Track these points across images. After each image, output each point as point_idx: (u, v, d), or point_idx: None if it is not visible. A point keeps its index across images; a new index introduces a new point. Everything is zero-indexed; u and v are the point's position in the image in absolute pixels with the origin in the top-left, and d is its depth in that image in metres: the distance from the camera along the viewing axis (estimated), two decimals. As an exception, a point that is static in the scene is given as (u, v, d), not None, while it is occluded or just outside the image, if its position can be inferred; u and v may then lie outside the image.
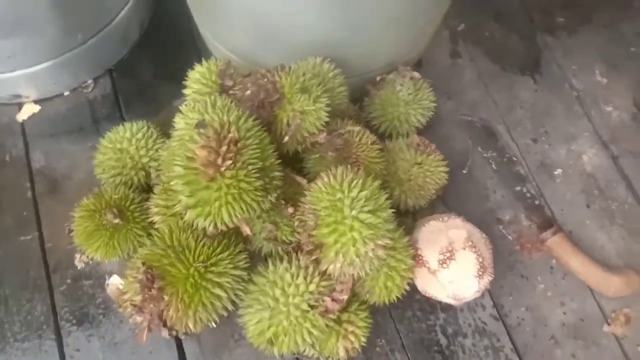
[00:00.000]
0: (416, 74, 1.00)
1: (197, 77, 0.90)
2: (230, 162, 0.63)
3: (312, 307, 0.73)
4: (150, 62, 1.15)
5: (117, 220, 0.85)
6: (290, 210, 0.73)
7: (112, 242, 0.86)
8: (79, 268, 0.95)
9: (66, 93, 1.10)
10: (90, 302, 0.94)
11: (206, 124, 0.67)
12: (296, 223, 0.75)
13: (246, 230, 0.70)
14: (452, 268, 0.85)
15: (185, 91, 0.92)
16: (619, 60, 1.20)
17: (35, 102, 1.09)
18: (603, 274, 0.97)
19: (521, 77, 1.18)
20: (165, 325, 0.69)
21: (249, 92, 0.76)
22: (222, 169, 0.63)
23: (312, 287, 0.73)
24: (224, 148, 0.64)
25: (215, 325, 0.90)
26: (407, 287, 0.86)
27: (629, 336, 0.96)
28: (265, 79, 0.75)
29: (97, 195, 0.88)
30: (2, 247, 0.97)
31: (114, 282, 0.88)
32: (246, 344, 0.91)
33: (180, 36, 1.18)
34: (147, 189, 0.94)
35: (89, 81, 1.11)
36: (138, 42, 1.15)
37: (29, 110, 1.08)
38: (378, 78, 1.01)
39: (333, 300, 0.74)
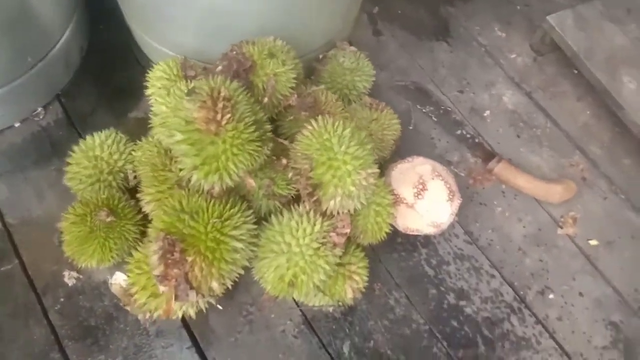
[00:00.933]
0: (353, 47, 1.12)
1: (159, 75, 0.95)
2: (229, 115, 0.69)
3: (321, 244, 0.79)
4: (95, 82, 1.17)
5: (110, 218, 0.86)
6: (284, 161, 0.80)
7: (108, 243, 0.87)
8: (70, 285, 0.95)
9: (17, 124, 1.09)
10: (89, 315, 0.93)
11: (196, 90, 0.72)
12: (290, 174, 0.82)
13: (251, 182, 0.75)
14: (427, 197, 0.95)
15: (149, 90, 0.96)
16: (510, 18, 1.41)
17: (-15, 137, 1.07)
18: (547, 186, 1.12)
19: (437, 43, 1.34)
20: (191, 287, 0.72)
21: (220, 67, 0.83)
22: (223, 122, 0.69)
23: (317, 227, 0.79)
24: (220, 105, 0.70)
25: (221, 308, 0.94)
26: (392, 223, 0.94)
27: (579, 234, 1.11)
28: (234, 52, 0.82)
29: (82, 202, 0.89)
30: (-18, 281, 0.93)
31: (118, 279, 0.88)
32: (256, 320, 0.95)
33: (121, 54, 1.21)
34: (124, 192, 0.96)
35: (39, 109, 1.11)
36: (80, 66, 1.17)
37: (-20, 146, 1.05)
38: (321, 56, 1.11)
39: (338, 234, 0.80)
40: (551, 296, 1.04)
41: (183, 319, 0.94)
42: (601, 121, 1.26)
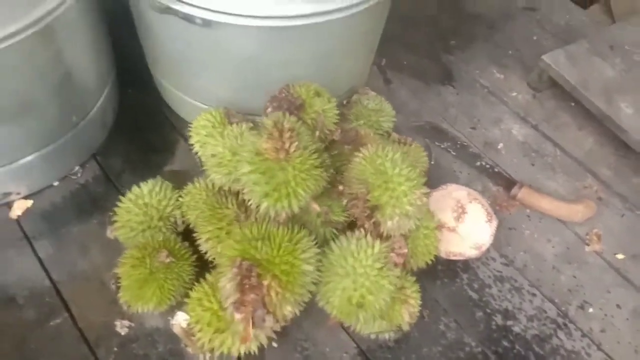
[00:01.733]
0: (373, 92, 1.20)
1: (204, 124, 1.00)
2: (296, 143, 0.74)
3: (383, 265, 0.82)
4: (129, 140, 1.21)
5: (169, 259, 0.87)
6: (340, 188, 0.84)
7: (166, 284, 0.88)
8: (122, 334, 0.94)
9: (55, 183, 1.11)
10: (145, 363, 0.91)
11: (260, 125, 0.77)
12: (345, 201, 0.86)
13: (315, 207, 0.79)
14: (467, 220, 1.00)
15: (193, 139, 1.01)
16: (505, 61, 1.53)
17: (25, 197, 1.08)
18: (569, 206, 1.18)
19: (443, 87, 1.44)
20: (268, 312, 0.73)
21: (270, 108, 0.89)
22: (292, 150, 0.74)
23: (376, 248, 0.82)
24: (287, 134, 0.75)
25: (276, 345, 0.94)
26: (437, 248, 0.98)
27: (605, 249, 1.16)
28: (283, 94, 0.89)
29: (138, 246, 0.90)
30: (33, 336, 0.92)
31: (180, 319, 0.87)
32: (312, 355, 0.95)
33: (151, 114, 1.27)
34: (177, 235, 0.97)
35: (76, 168, 1.14)
36: (113, 126, 1.22)
37: (21, 206, 1.07)
38: (345, 101, 1.19)
39: (397, 254, 0.83)
40: (591, 310, 1.07)
41: (239, 358, 0.93)
42: (604, 147, 1.35)
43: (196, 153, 1.03)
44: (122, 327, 0.94)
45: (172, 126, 1.25)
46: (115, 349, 0.92)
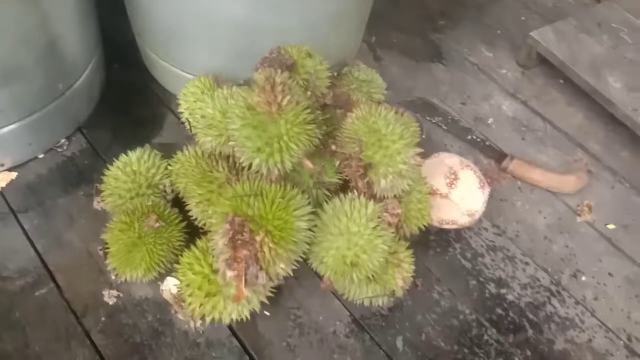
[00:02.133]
0: (364, 65, 1.19)
1: (193, 90, 0.99)
2: (288, 97, 0.73)
3: (377, 224, 0.80)
4: (116, 114, 1.19)
5: (158, 224, 0.85)
6: (333, 147, 0.83)
7: (156, 249, 0.86)
8: (110, 304, 0.92)
9: (41, 156, 1.09)
10: (134, 332, 0.89)
11: (252, 81, 0.76)
12: (338, 162, 0.85)
13: (308, 164, 0.78)
14: (459, 186, 0.99)
15: (182, 106, 1.00)
16: (493, 40, 1.53)
17: (10, 170, 1.06)
18: (560, 177, 1.18)
19: (433, 65, 1.44)
20: (261, 268, 0.72)
21: (260, 69, 0.87)
22: (284, 103, 0.72)
23: (370, 208, 0.81)
24: (279, 88, 0.73)
25: (268, 313, 0.92)
26: (430, 215, 0.97)
27: (597, 219, 1.16)
28: (274, 54, 0.87)
29: (127, 212, 0.88)
30: (19, 306, 0.89)
31: (170, 285, 0.85)
32: (305, 323, 0.93)
33: (138, 88, 1.24)
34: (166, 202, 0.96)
35: (62, 140, 1.11)
36: (100, 100, 1.20)
37: (5, 178, 1.04)
38: (335, 74, 1.18)
39: (391, 214, 0.82)
40: (584, 278, 1.07)
41: (230, 327, 0.91)
42: (593, 121, 1.36)
43: (185, 122, 1.01)
44: (110, 297, 0.92)
45: (159, 100, 1.23)
46: (103, 318, 0.90)
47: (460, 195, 0.99)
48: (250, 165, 0.75)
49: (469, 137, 1.26)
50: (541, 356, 0.95)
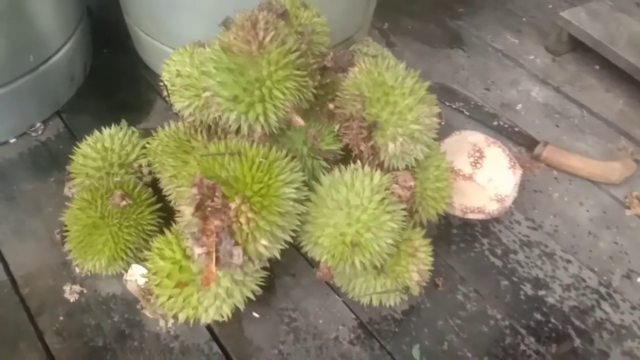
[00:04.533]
0: (371, 40, 1.06)
1: (177, 59, 0.86)
2: (273, 33, 0.60)
3: (385, 197, 0.66)
4: (101, 98, 1.08)
5: (125, 202, 0.72)
6: (332, 106, 0.69)
7: (121, 233, 0.72)
8: (71, 301, 0.78)
9: (12, 140, 0.98)
10: (96, 334, 0.74)
11: (230, 20, 0.63)
12: (337, 126, 0.70)
13: (298, 120, 0.64)
14: (486, 165, 0.84)
15: (165, 77, 0.87)
16: (519, 27, 1.40)
17: (-25, 154, 0.95)
18: (604, 164, 1.02)
19: (452, 50, 1.31)
20: (237, 243, 0.57)
21: (248, 21, 0.75)
22: (267, 39, 0.59)
23: (376, 179, 0.66)
24: (261, 24, 0.60)
25: (257, 315, 0.78)
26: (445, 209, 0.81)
27: (649, 213, 0.99)
28: (264, 5, 0.75)
29: (90, 189, 0.75)
30: (-37, 301, 0.76)
31: (136, 274, 0.71)
32: (301, 327, 0.78)
33: (126, 72, 1.14)
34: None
35: (38, 124, 1.00)
36: (84, 84, 1.09)
37: (-32, 162, 0.93)
38: (342, 51, 1.05)
39: (402, 187, 0.67)
40: (639, 279, 0.89)
41: (211, 330, 0.76)
42: (636, 108, 1.20)
43: (166, 92, 0.89)
44: (71, 293, 0.78)
45: (148, 85, 1.12)
46: (61, 318, 0.76)
47: (487, 177, 0.83)
48: (229, 125, 0.62)
49: (495, 122, 1.11)
50: (593, 371, 0.77)
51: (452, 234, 0.92)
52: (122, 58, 1.16)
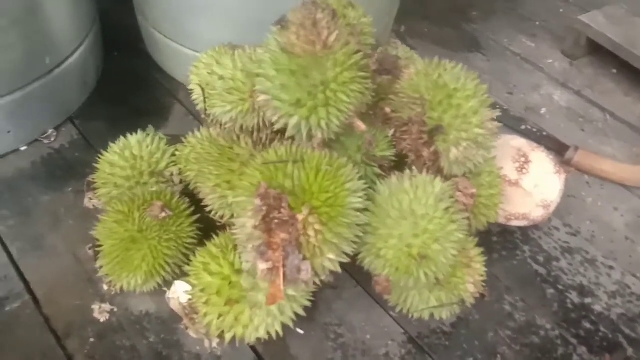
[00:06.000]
0: (399, 42, 1.03)
1: (207, 62, 0.82)
2: (337, 32, 0.56)
3: (449, 206, 0.62)
4: (115, 104, 1.02)
5: (164, 214, 0.67)
6: (388, 110, 0.65)
7: (161, 247, 0.67)
8: (102, 321, 0.72)
9: (23, 148, 0.91)
10: (132, 356, 0.69)
11: (287, 18, 0.59)
12: (392, 131, 0.67)
13: (360, 125, 0.60)
14: (532, 170, 0.81)
15: (194, 81, 0.82)
16: (534, 31, 1.39)
17: (-15, 163, 0.88)
18: (634, 168, 1.00)
19: (471, 54, 1.29)
20: (305, 258, 0.53)
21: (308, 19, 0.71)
22: (331, 40, 0.55)
23: (438, 186, 0.63)
24: (324, 22, 0.56)
25: (302, 331, 0.73)
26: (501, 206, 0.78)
27: (683, 217, 0.98)
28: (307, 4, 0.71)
29: (123, 201, 0.70)
30: (-17, 324, 0.69)
31: (179, 291, 0.66)
32: (349, 342, 0.73)
33: (140, 77, 1.09)
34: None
35: (50, 131, 0.94)
36: (96, 89, 1.03)
37: (-23, 171, 0.86)
38: (384, 53, 1.02)
39: (465, 195, 0.64)
40: (681, 285, 0.87)
41: (255, 350, 0.71)
42: (658, 112, 1.19)
43: (196, 100, 0.84)
44: (101, 312, 0.72)
45: (165, 90, 1.07)
46: (92, 339, 0.70)
47: (533, 182, 0.81)
48: (284, 131, 0.57)
49: (523, 127, 1.09)
50: (649, 381, 0.75)
51: (492, 242, 0.89)
52: (135, 62, 1.11)
